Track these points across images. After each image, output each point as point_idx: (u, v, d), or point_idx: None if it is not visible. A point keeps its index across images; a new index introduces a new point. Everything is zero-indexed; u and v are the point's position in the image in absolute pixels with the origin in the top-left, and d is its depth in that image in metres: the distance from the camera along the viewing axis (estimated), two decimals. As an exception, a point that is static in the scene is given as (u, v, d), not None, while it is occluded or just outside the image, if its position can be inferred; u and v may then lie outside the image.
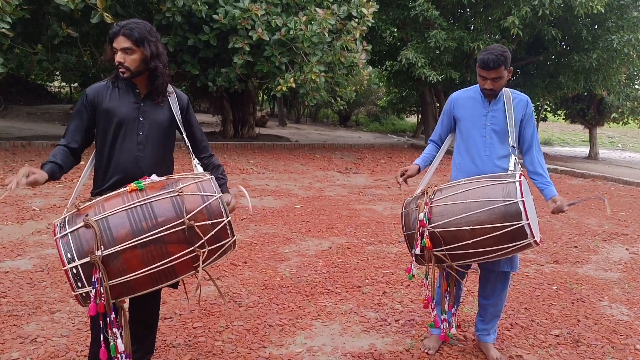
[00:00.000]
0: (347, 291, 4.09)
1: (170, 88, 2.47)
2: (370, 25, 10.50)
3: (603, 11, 11.43)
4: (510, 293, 4.23)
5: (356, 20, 10.09)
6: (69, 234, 2.02)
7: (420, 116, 21.49)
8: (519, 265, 4.91)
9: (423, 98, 16.66)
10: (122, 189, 2.16)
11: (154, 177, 2.22)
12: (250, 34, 9.11)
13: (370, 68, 18.19)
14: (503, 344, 3.35)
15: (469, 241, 2.61)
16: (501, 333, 3.49)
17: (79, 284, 2.01)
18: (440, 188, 2.83)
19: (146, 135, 2.37)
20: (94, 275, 1.98)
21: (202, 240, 2.08)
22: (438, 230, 2.67)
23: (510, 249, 2.63)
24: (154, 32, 2.34)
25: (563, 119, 20.22)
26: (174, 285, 2.45)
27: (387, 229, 6.13)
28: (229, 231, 2.15)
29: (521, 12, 11.54)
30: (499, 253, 2.66)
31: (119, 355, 2.12)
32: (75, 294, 2.03)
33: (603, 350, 3.35)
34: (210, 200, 2.12)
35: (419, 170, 3.15)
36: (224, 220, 2.13)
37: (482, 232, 2.58)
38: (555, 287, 4.46)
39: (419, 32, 13.45)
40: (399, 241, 5.59)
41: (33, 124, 13.81)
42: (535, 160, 3.00)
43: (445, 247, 2.68)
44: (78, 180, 2.51)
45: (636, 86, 16.80)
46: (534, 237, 2.57)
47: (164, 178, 2.23)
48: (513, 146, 2.93)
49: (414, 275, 2.83)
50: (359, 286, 4.21)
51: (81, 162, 2.48)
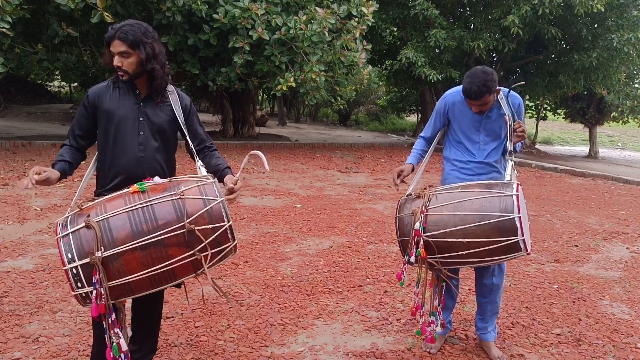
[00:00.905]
0: (349, 290, 4.10)
1: (170, 88, 2.47)
2: (370, 24, 10.50)
3: (603, 10, 11.44)
4: (511, 292, 4.24)
5: (356, 19, 10.09)
6: (70, 234, 2.03)
7: (420, 115, 21.49)
8: (520, 264, 4.93)
9: (423, 97, 16.67)
10: (125, 190, 2.15)
11: (157, 179, 2.21)
12: (250, 33, 9.12)
13: (370, 67, 18.27)
14: (504, 342, 3.35)
15: (463, 252, 2.65)
16: (502, 332, 3.49)
17: (79, 284, 2.01)
18: (435, 193, 2.82)
19: (147, 136, 2.37)
20: (94, 276, 1.98)
21: (203, 244, 2.08)
22: (433, 239, 2.68)
23: (502, 259, 2.70)
24: (150, 33, 2.31)
25: (563, 118, 20.23)
26: (178, 285, 2.45)
27: (388, 228, 6.13)
28: (229, 235, 2.15)
29: (521, 11, 11.54)
30: (491, 262, 2.72)
31: (121, 355, 2.13)
32: (74, 294, 2.03)
33: (604, 349, 3.35)
34: (211, 204, 2.11)
35: (413, 169, 3.16)
36: (225, 225, 2.12)
37: (477, 245, 2.62)
38: (556, 286, 4.47)
39: (418, 31, 13.46)
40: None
41: (33, 124, 13.81)
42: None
43: (438, 256, 2.71)
44: (79, 181, 2.52)
45: (636, 85, 16.80)
46: (527, 250, 2.62)
47: (167, 180, 2.22)
48: (510, 150, 2.95)
49: (404, 282, 2.86)
50: (360, 285, 4.21)
51: (87, 163, 2.48)
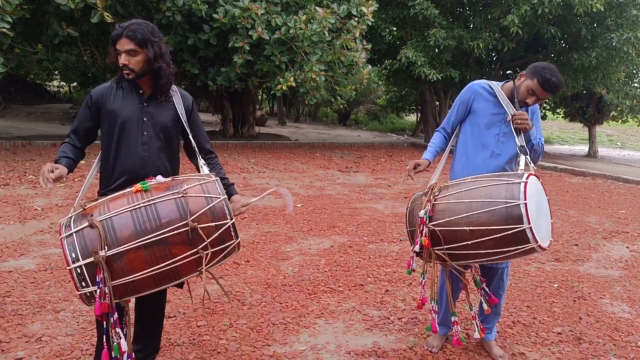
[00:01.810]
0: (350, 289, 4.11)
1: (174, 87, 2.48)
2: (370, 24, 10.51)
3: (602, 9, 11.45)
4: (512, 291, 4.25)
5: (356, 19, 10.10)
6: (74, 234, 2.03)
7: (419, 115, 21.50)
8: (520, 263, 4.94)
9: (422, 97, 16.67)
10: (128, 190, 2.16)
11: (160, 178, 2.22)
12: (250, 33, 9.13)
13: (370, 67, 18.25)
14: (505, 341, 3.36)
15: (469, 242, 2.55)
16: (503, 331, 3.50)
17: (83, 284, 2.02)
18: (447, 185, 2.78)
19: (150, 136, 2.38)
20: (98, 275, 1.99)
21: (206, 242, 2.08)
22: (438, 228, 2.62)
23: (512, 252, 2.54)
24: (157, 32, 2.34)
25: (562, 117, 20.23)
26: (179, 285, 2.46)
27: (389, 227, 6.15)
28: (232, 233, 2.15)
29: (520, 11, 11.55)
30: (501, 256, 2.58)
31: (123, 355, 2.13)
32: (79, 293, 2.04)
33: (605, 348, 3.36)
34: (214, 202, 2.12)
35: (428, 165, 3.07)
36: (227, 223, 2.13)
37: (482, 234, 2.51)
38: (556, 285, 4.48)
39: (418, 31, 13.46)
40: (401, 240, 5.61)
41: (32, 124, 13.80)
42: (537, 150, 2.98)
43: (445, 246, 2.64)
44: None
45: (635, 84, 16.80)
46: (537, 242, 2.44)
47: (170, 179, 2.23)
48: (522, 146, 2.88)
49: (413, 270, 2.81)
50: (362, 284, 4.22)
51: (87, 162, 2.49)
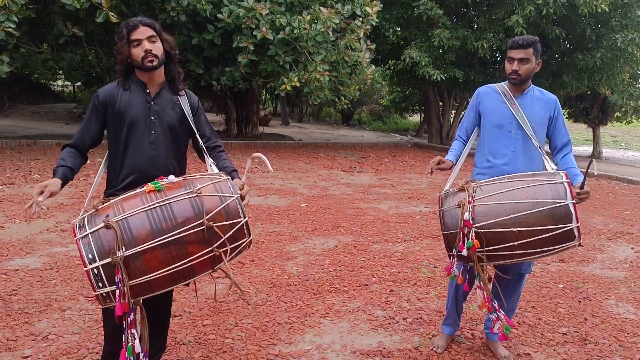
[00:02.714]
0: (355, 289, 4.11)
1: (184, 90, 2.50)
2: (374, 24, 10.51)
3: (607, 10, 11.43)
4: (516, 291, 4.24)
5: (360, 19, 10.10)
6: (90, 235, 2.03)
7: (423, 115, 21.49)
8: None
9: (426, 97, 16.65)
10: (140, 190, 2.16)
11: (172, 178, 2.22)
12: (254, 33, 9.13)
13: (374, 67, 18.21)
14: (511, 342, 3.36)
15: (515, 243, 2.53)
16: (509, 331, 3.50)
17: (100, 284, 2.02)
18: (479, 185, 2.73)
19: (158, 135, 2.38)
20: (116, 275, 1.99)
21: (221, 240, 2.10)
22: (482, 230, 2.57)
23: (555, 250, 2.58)
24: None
25: (566, 117, 20.13)
26: (186, 283, 2.47)
27: (393, 227, 6.15)
28: (246, 231, 2.17)
29: (525, 11, 11.54)
30: (543, 254, 2.61)
31: (140, 354, 2.13)
32: (95, 293, 2.04)
33: (610, 349, 3.36)
34: (228, 201, 2.13)
35: (451, 166, 3.04)
36: (241, 221, 2.14)
37: (530, 234, 2.51)
38: (561, 286, 4.48)
39: (422, 31, 13.46)
40: (405, 240, 5.61)
41: (37, 123, 13.85)
42: (568, 161, 2.92)
43: (487, 248, 2.59)
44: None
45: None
46: (580, 239, 2.53)
47: (181, 178, 2.23)
48: (540, 147, 2.85)
49: (455, 275, 2.73)
50: (366, 284, 4.22)
51: (91, 161, 2.49)
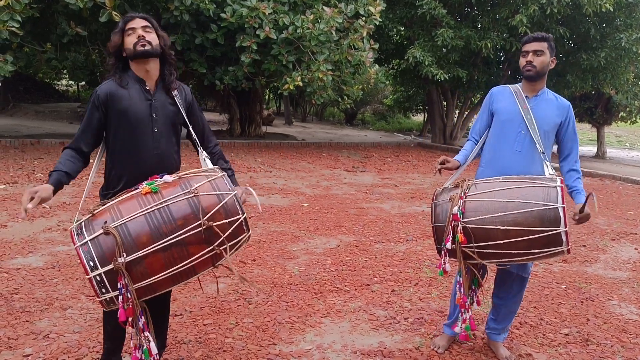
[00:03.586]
0: (356, 289, 4.10)
1: (176, 82, 2.48)
2: (377, 23, 10.50)
3: (612, 9, 11.37)
4: (519, 292, 4.23)
5: (363, 18, 10.09)
6: (89, 242, 2.01)
7: (426, 115, 21.45)
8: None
9: (430, 97, 16.62)
10: (136, 191, 2.14)
11: (167, 177, 2.20)
12: (257, 32, 9.14)
13: (377, 67, 18.27)
14: (512, 342, 3.35)
15: (501, 241, 2.55)
16: (510, 332, 3.48)
17: (103, 290, 2.01)
18: (474, 183, 2.76)
19: (161, 131, 2.37)
20: (119, 281, 1.99)
21: (221, 239, 2.10)
22: (470, 226, 2.60)
23: (542, 254, 2.56)
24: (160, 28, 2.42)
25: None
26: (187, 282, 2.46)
27: (395, 227, 6.13)
28: (244, 227, 2.19)
29: (529, 11, 11.49)
30: (529, 257, 2.59)
31: (153, 358, 2.12)
32: (99, 299, 2.03)
33: (613, 349, 3.34)
34: (226, 199, 2.13)
35: (458, 166, 3.03)
36: (240, 218, 2.15)
37: (517, 234, 2.52)
38: (564, 286, 4.46)
39: (426, 31, 13.42)
40: (407, 240, 5.59)
41: (41, 122, 13.90)
42: (574, 169, 2.91)
43: (475, 245, 2.61)
44: (87, 179, 2.49)
45: (644, 85, 16.68)
46: (569, 245, 2.51)
47: (176, 177, 2.21)
48: (543, 152, 2.83)
49: (445, 272, 2.75)
50: (368, 284, 4.22)
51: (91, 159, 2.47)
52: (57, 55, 9.59)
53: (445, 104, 16.96)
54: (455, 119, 17.02)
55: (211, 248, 2.10)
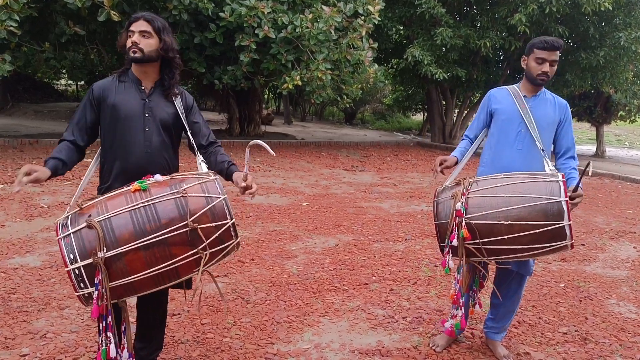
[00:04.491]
0: (354, 288, 4.10)
1: (179, 87, 2.48)
2: (376, 22, 10.48)
3: (611, 8, 11.35)
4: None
5: (362, 17, 10.08)
6: (72, 235, 2.00)
7: (426, 114, 21.44)
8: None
9: (429, 96, 16.60)
10: (126, 188, 2.13)
11: (158, 177, 2.18)
12: (256, 31, 9.12)
13: (376, 66, 18.25)
14: (511, 341, 3.34)
15: (505, 237, 2.54)
16: (509, 330, 3.47)
17: (81, 285, 1.99)
18: (476, 180, 2.75)
19: (152, 132, 2.36)
20: (96, 277, 1.96)
21: (205, 243, 2.06)
22: (474, 222, 2.59)
23: (546, 249, 2.56)
24: (170, 30, 2.40)
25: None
26: (179, 286, 2.43)
27: (394, 226, 6.13)
28: (232, 233, 2.13)
29: (528, 10, 11.48)
30: (534, 252, 2.58)
31: (123, 352, 2.12)
32: (77, 294, 2.01)
33: (611, 348, 3.34)
34: (214, 202, 2.08)
35: (456, 163, 3.04)
36: (227, 223, 2.10)
37: (521, 229, 2.51)
38: (562, 285, 4.45)
39: (425, 30, 13.42)
40: (406, 239, 5.59)
41: (40, 122, 13.88)
42: (570, 167, 2.93)
43: (479, 241, 2.60)
44: (84, 177, 2.50)
45: (643, 84, 16.67)
46: (573, 239, 2.51)
47: (168, 178, 2.19)
48: (542, 150, 2.85)
49: (450, 269, 2.74)
50: (366, 283, 4.21)
51: (87, 159, 2.47)
52: (56, 55, 9.56)
53: (444, 103, 16.95)
54: (454, 118, 17.00)
55: (195, 251, 2.05)
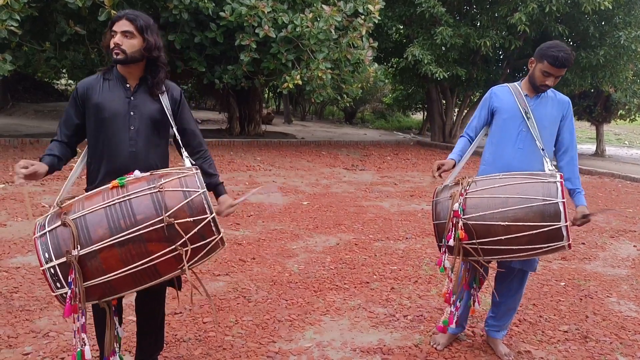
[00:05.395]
0: (355, 287, 4.11)
1: (166, 85, 2.43)
2: (376, 22, 10.47)
3: (610, 7, 11.36)
4: (518, 289, 4.24)
5: (362, 17, 10.08)
6: (47, 233, 1.97)
7: (426, 113, 21.44)
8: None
9: (429, 95, 16.61)
10: (105, 186, 2.10)
11: (137, 173, 2.15)
12: (256, 31, 9.12)
13: (376, 65, 18.22)
14: (511, 339, 3.36)
15: (502, 237, 2.55)
16: (509, 329, 3.48)
17: (58, 285, 1.95)
18: (474, 180, 2.76)
19: (137, 130, 2.32)
20: (69, 275, 1.92)
21: (184, 239, 2.00)
22: (471, 222, 2.60)
23: (543, 249, 2.56)
24: (154, 26, 2.34)
25: (570, 115, 20.08)
26: (172, 284, 2.41)
27: (394, 225, 6.14)
28: (213, 228, 2.06)
29: (528, 9, 11.48)
30: (531, 252, 2.59)
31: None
32: (54, 294, 1.98)
33: (611, 346, 3.35)
34: (192, 197, 2.02)
35: (454, 165, 3.03)
36: (207, 217, 2.03)
37: (518, 230, 2.52)
38: (563, 284, 4.47)
39: (425, 29, 13.42)
40: (406, 238, 5.60)
41: (40, 122, 13.88)
42: (570, 164, 2.93)
43: (476, 241, 2.61)
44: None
45: (643, 83, 16.66)
46: (569, 240, 2.51)
47: (148, 174, 2.15)
48: (542, 149, 2.84)
49: (445, 268, 2.75)
50: (367, 282, 4.22)
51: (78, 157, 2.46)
52: (56, 55, 9.56)
53: (444, 102, 16.95)
54: (454, 118, 17.00)
55: (173, 247, 1.99)
